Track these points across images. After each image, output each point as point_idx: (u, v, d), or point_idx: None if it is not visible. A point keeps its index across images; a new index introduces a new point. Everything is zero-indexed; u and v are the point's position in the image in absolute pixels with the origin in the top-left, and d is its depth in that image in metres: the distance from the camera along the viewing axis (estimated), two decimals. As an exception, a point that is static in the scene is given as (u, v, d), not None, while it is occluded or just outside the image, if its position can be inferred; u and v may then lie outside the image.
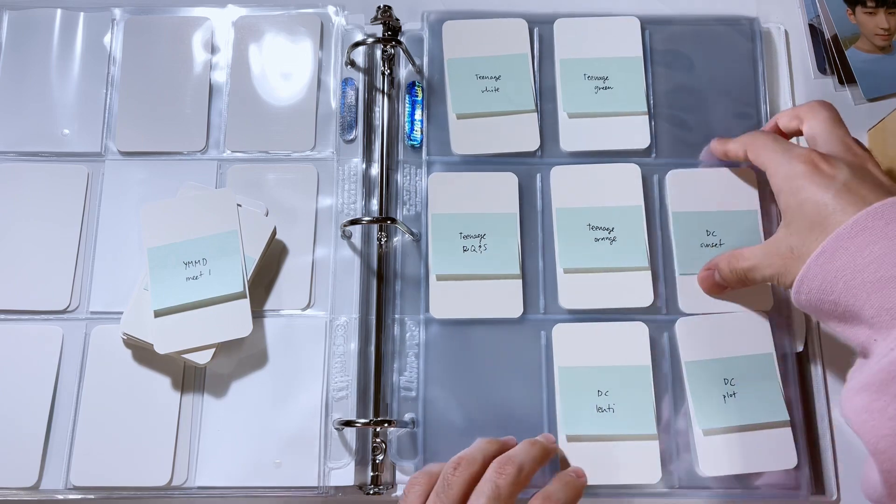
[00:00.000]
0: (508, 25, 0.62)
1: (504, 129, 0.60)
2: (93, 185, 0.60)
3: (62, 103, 0.61)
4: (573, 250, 0.57)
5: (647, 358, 0.55)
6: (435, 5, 0.63)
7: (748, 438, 0.53)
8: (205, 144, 0.61)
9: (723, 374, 0.54)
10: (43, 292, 0.57)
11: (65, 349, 0.56)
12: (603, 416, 0.53)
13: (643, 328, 0.55)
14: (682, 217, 0.57)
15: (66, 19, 0.63)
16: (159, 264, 0.54)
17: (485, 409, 0.54)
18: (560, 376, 0.54)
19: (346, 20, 0.63)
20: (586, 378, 0.54)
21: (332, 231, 0.59)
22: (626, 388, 0.54)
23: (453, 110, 0.60)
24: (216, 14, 0.63)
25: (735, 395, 0.53)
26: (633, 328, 0.55)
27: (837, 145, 0.50)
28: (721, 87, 0.61)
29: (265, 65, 0.62)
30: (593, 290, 0.56)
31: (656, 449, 0.53)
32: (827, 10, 0.64)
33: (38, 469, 0.53)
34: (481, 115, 0.60)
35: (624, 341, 0.55)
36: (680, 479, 0.53)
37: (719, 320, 0.55)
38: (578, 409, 0.53)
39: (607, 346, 0.55)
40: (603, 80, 0.60)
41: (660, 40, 0.62)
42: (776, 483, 0.53)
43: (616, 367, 0.54)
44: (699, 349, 0.55)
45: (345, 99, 0.61)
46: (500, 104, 0.60)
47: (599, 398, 0.54)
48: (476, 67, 0.61)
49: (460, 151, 0.59)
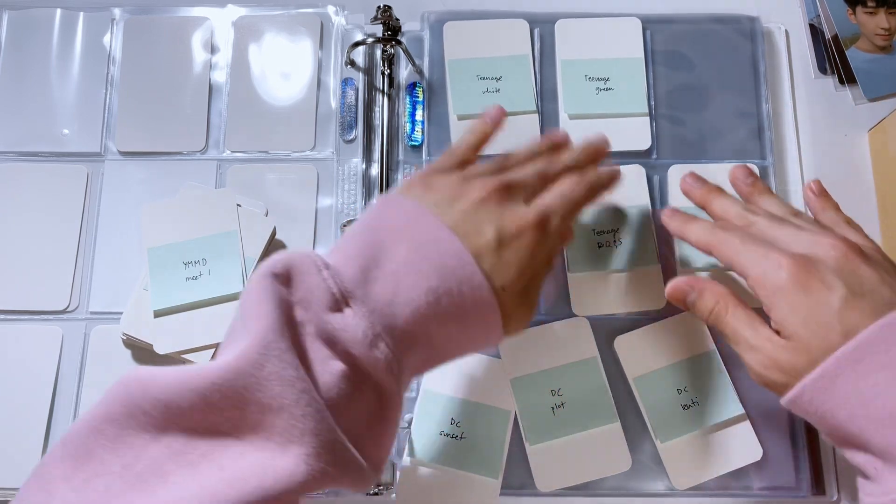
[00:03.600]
0: (509, 26, 0.62)
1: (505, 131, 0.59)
2: (92, 186, 0.60)
3: (62, 103, 0.61)
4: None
5: (595, 350, 0.55)
6: (435, 5, 0.63)
7: (711, 441, 0.53)
8: (204, 144, 0.60)
9: (675, 383, 0.54)
10: (43, 292, 0.57)
11: (64, 349, 0.56)
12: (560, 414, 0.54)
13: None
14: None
15: (65, 19, 0.63)
16: (159, 264, 0.54)
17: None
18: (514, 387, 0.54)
19: (345, 20, 0.63)
20: (539, 383, 0.54)
21: (332, 231, 0.58)
22: (578, 383, 0.54)
23: (454, 111, 0.60)
24: (216, 14, 0.63)
25: (696, 402, 0.53)
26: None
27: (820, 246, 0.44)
28: (722, 87, 0.61)
29: (265, 65, 0.62)
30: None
31: (621, 435, 0.53)
32: (827, 9, 0.63)
33: (37, 469, 0.53)
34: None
35: (570, 340, 0.55)
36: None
37: (656, 329, 0.55)
38: (537, 414, 0.54)
39: (555, 347, 0.55)
40: (604, 82, 0.60)
41: (660, 40, 0.62)
42: (776, 483, 0.53)
43: (565, 366, 0.54)
44: (643, 362, 0.55)
45: (345, 99, 0.61)
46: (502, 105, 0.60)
47: (554, 398, 0.54)
48: (477, 68, 0.61)
49: None
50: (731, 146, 0.60)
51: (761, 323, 0.45)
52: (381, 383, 0.39)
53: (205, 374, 0.35)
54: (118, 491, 0.34)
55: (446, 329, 0.41)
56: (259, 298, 0.37)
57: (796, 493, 0.53)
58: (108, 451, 0.35)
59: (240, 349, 0.36)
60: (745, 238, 0.46)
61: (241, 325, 0.38)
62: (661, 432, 0.53)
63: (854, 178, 0.61)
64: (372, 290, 0.40)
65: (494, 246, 0.42)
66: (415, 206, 0.43)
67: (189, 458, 0.35)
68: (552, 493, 0.53)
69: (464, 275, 0.41)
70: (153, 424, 0.35)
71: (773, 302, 0.43)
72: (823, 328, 0.41)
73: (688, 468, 0.53)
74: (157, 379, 0.35)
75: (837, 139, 0.62)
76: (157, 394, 0.35)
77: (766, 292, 0.44)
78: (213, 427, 0.36)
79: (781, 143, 0.61)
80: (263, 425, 0.36)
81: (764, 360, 0.44)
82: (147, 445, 0.35)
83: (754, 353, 0.44)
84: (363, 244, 0.41)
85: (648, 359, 0.54)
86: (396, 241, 0.41)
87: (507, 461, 0.53)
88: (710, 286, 0.47)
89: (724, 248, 0.46)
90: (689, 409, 0.53)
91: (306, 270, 0.39)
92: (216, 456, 0.35)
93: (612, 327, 0.56)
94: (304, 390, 0.36)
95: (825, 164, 0.61)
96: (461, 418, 0.53)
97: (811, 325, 0.42)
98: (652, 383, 0.54)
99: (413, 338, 0.40)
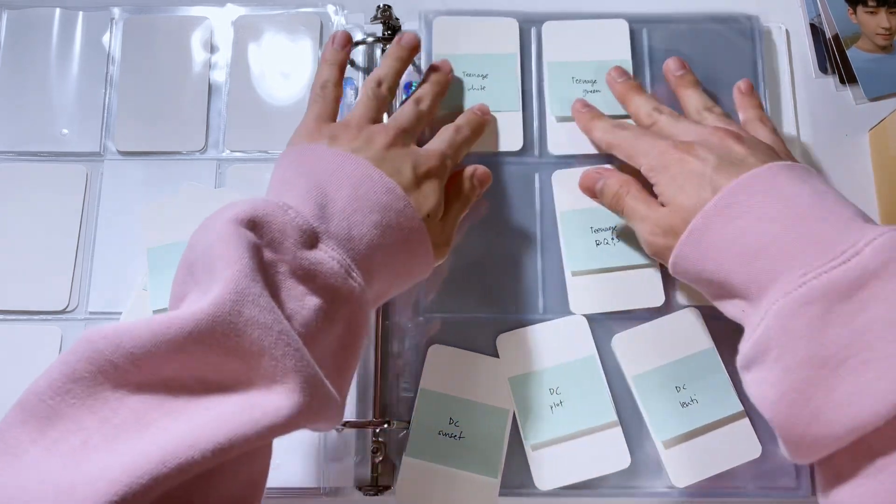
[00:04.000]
0: (499, 24, 0.61)
1: (488, 128, 0.59)
2: (92, 185, 0.60)
3: (61, 103, 0.61)
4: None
5: (593, 349, 0.55)
6: (434, 4, 0.63)
7: (710, 439, 0.53)
8: (204, 144, 0.60)
9: (673, 381, 0.54)
10: (42, 292, 0.57)
11: (64, 349, 0.56)
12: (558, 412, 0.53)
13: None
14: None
15: (64, 19, 0.63)
16: (159, 264, 0.54)
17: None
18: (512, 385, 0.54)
19: (345, 19, 0.63)
20: (537, 381, 0.54)
21: (332, 231, 0.58)
22: (576, 382, 0.54)
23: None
24: (215, 13, 0.63)
25: (695, 400, 0.53)
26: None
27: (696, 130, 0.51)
28: (721, 86, 0.61)
29: (265, 64, 0.62)
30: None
31: (620, 433, 0.53)
32: (828, 9, 0.63)
33: (37, 469, 0.53)
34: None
35: (568, 338, 0.55)
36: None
37: (654, 327, 0.55)
38: (536, 413, 0.53)
39: (553, 346, 0.55)
40: (591, 84, 0.60)
41: (660, 39, 0.62)
42: (776, 483, 0.53)
43: (564, 364, 0.54)
44: (641, 360, 0.55)
45: (344, 98, 0.61)
46: (485, 102, 0.60)
47: (552, 396, 0.54)
48: (464, 64, 0.60)
49: None
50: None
51: (654, 201, 0.50)
52: (353, 313, 0.42)
53: (180, 325, 0.35)
54: (97, 443, 0.33)
55: (392, 259, 0.46)
56: (227, 244, 0.38)
57: (796, 493, 0.53)
58: (77, 408, 0.34)
59: (213, 296, 0.36)
60: (639, 133, 0.53)
61: (205, 270, 0.38)
62: (659, 430, 0.53)
63: (854, 178, 0.61)
64: (331, 226, 0.43)
65: (413, 182, 0.48)
66: (336, 151, 0.47)
67: (171, 405, 0.35)
68: (551, 491, 0.53)
69: (398, 207, 0.46)
70: (128, 379, 0.35)
71: (658, 179, 0.49)
72: (696, 189, 0.46)
73: (687, 466, 0.53)
74: (128, 333, 0.35)
75: (838, 139, 0.62)
76: (130, 348, 0.34)
77: (653, 174, 0.49)
78: (194, 375, 0.36)
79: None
80: (245, 370, 0.36)
81: (651, 227, 0.49)
82: (123, 399, 0.34)
83: (644, 223, 0.50)
84: (308, 186, 0.44)
85: (647, 357, 0.54)
86: (335, 182, 0.45)
87: (506, 460, 0.53)
88: (615, 174, 0.54)
89: (622, 144, 0.53)
90: (687, 406, 0.53)
91: (272, 212, 0.41)
92: (199, 400, 0.35)
93: (610, 325, 0.56)
94: (282, 332, 0.37)
95: (825, 164, 0.61)
96: (460, 418, 0.53)
97: (686, 190, 0.47)
98: (650, 381, 0.54)
99: (371, 268, 0.44)
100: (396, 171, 0.48)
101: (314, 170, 0.46)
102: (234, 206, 0.41)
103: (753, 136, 0.51)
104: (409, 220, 0.47)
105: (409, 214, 0.47)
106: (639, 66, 0.61)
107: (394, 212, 0.46)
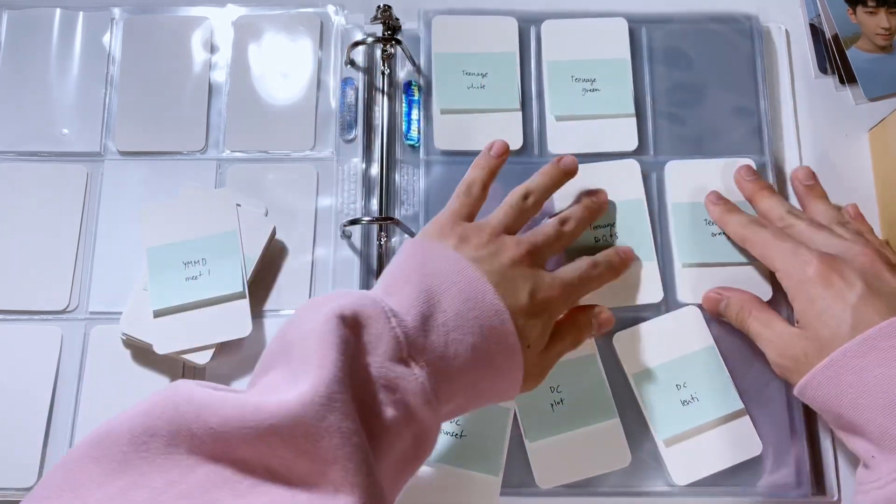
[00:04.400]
0: (499, 23, 0.62)
1: (488, 127, 0.59)
2: (92, 185, 0.60)
3: (61, 103, 0.61)
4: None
5: (593, 347, 0.55)
6: (434, 4, 0.63)
7: (711, 437, 0.53)
8: (204, 144, 0.60)
9: (674, 379, 0.54)
10: (42, 292, 0.57)
11: (64, 349, 0.56)
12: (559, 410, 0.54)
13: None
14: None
15: (65, 19, 0.63)
16: (159, 264, 0.54)
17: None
18: None
19: (345, 19, 0.63)
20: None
21: (332, 231, 0.58)
22: (577, 380, 0.54)
23: (437, 105, 0.60)
24: (216, 13, 0.63)
25: (696, 398, 0.53)
26: None
27: (846, 247, 0.49)
28: (721, 86, 0.61)
29: (265, 64, 0.62)
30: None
31: (620, 431, 0.53)
32: (828, 9, 0.63)
33: (37, 469, 0.53)
34: (465, 111, 0.60)
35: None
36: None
37: (654, 325, 0.55)
38: (536, 411, 0.53)
39: None
40: (590, 83, 0.60)
41: (659, 38, 0.62)
42: (777, 483, 0.53)
43: (564, 363, 0.54)
44: (641, 358, 0.55)
45: (344, 98, 0.61)
46: (485, 101, 0.60)
47: (553, 394, 0.54)
48: (463, 63, 0.60)
49: (442, 147, 0.59)
50: (729, 144, 0.60)
51: (778, 320, 0.51)
52: (423, 432, 0.41)
53: (264, 414, 0.35)
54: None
55: (479, 381, 0.44)
56: (324, 341, 0.38)
57: (797, 492, 0.53)
58: (148, 463, 0.34)
59: (301, 393, 0.36)
60: (778, 234, 0.51)
61: (299, 357, 0.38)
62: (660, 428, 0.53)
63: (854, 178, 0.61)
64: (429, 340, 0.41)
65: (527, 308, 0.46)
66: (458, 257, 0.45)
67: (238, 487, 0.35)
68: (552, 490, 0.53)
69: (502, 335, 0.44)
70: (202, 449, 0.35)
71: (796, 293, 0.48)
72: (836, 320, 0.45)
73: (688, 464, 0.53)
74: (212, 407, 0.35)
75: (837, 139, 0.62)
76: (212, 423, 0.35)
77: (791, 283, 0.49)
78: (264, 463, 0.35)
79: (781, 143, 0.61)
80: (315, 473, 0.36)
81: (780, 350, 0.49)
82: (194, 467, 0.35)
83: (771, 345, 0.50)
84: (419, 291, 0.43)
85: (647, 355, 0.54)
86: (446, 291, 0.43)
87: (507, 458, 0.53)
88: (734, 294, 0.53)
89: (759, 242, 0.51)
90: (688, 404, 0.53)
91: (374, 317, 0.40)
92: (266, 489, 0.35)
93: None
94: (358, 445, 0.36)
95: (825, 164, 0.61)
96: (461, 416, 0.53)
97: (825, 317, 0.46)
98: (651, 379, 0.54)
99: (454, 390, 0.43)
100: (513, 293, 0.45)
101: (432, 272, 0.44)
102: (339, 298, 0.41)
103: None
104: (509, 349, 0.44)
105: (510, 344, 0.44)
106: (638, 66, 0.61)
107: (495, 341, 0.44)
